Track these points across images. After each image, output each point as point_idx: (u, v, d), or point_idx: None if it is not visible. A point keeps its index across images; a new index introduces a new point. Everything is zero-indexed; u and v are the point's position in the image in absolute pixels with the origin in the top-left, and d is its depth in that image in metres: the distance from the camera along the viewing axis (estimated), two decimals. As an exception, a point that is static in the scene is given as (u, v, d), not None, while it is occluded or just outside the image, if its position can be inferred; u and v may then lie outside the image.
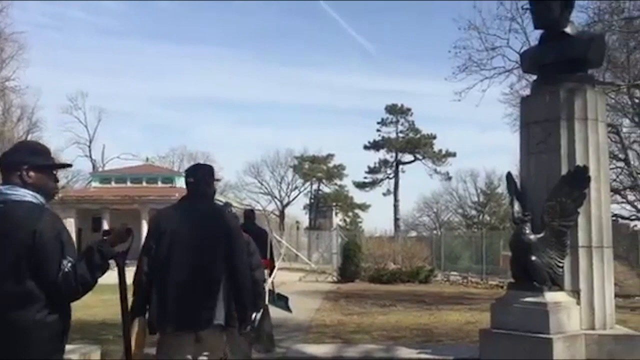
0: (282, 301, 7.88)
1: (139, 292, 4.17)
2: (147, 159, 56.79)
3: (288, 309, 7.96)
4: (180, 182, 46.24)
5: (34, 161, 2.94)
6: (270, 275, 7.63)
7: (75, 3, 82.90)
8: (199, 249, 4.13)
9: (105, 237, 3.35)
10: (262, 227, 8.64)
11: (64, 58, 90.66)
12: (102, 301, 14.04)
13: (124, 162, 57.22)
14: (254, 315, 4.71)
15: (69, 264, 2.82)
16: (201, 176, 4.48)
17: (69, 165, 5.69)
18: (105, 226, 40.77)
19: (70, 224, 40.98)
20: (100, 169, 58.45)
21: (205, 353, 4.14)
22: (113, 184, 45.41)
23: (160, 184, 45.22)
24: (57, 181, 3.12)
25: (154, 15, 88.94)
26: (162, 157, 64.97)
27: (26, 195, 2.87)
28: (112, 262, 3.21)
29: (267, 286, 6.84)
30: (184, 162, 66.19)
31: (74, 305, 2.99)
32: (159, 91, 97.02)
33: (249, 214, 9.21)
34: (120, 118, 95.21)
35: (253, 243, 5.90)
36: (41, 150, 3.09)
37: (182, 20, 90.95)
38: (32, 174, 2.92)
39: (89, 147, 62.26)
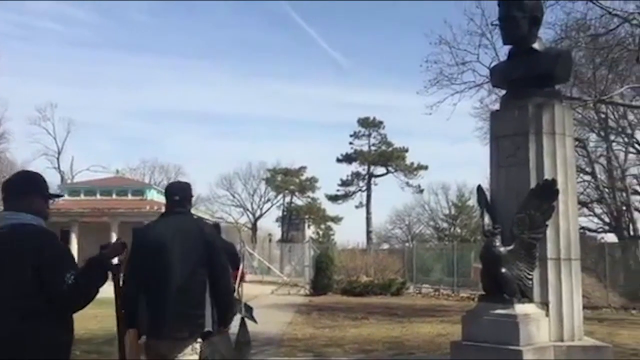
0: (248, 312, 8.11)
1: (128, 304, 4.24)
2: (118, 171, 56.01)
3: (253, 319, 8.08)
4: (151, 195, 45.80)
5: (42, 191, 3.47)
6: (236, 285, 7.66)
7: (45, 13, 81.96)
8: (184, 261, 4.32)
9: (103, 251, 3.65)
10: (227, 240, 8.61)
11: (33, 68, 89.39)
12: (69, 316, 13.84)
13: (94, 175, 56.53)
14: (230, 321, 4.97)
15: (72, 277, 3.12)
16: (185, 195, 4.73)
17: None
18: (74, 240, 40.10)
19: (38, 237, 40.27)
20: (69, 181, 57.49)
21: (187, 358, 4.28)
22: (82, 197, 44.64)
23: (130, 197, 44.61)
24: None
25: (126, 26, 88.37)
26: (133, 169, 64.25)
27: (28, 218, 3.25)
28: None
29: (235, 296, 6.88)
30: (155, 174, 65.66)
31: None
32: (131, 103, 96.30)
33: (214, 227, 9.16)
34: (90, 130, 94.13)
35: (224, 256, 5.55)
36: (44, 181, 3.59)
37: (154, 32, 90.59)
38: (38, 201, 3.40)
39: (58, 159, 61.39)
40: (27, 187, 3.40)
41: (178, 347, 4.28)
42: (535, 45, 6.86)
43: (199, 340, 4.36)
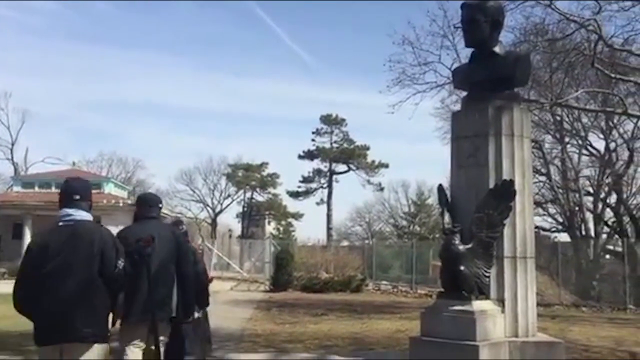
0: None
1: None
2: (74, 164, 54.67)
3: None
4: (109, 188, 44.96)
5: (91, 195, 4.58)
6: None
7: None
8: (159, 258, 4.98)
9: (139, 243, 4.71)
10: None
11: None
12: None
13: (49, 167, 55.06)
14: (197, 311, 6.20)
15: (122, 264, 4.18)
16: (157, 204, 5.70)
17: None
18: (27, 232, 39.07)
19: (-10, 230, 39.06)
20: (22, 173, 55.94)
21: (161, 337, 5.01)
22: (37, 189, 43.47)
23: (87, 190, 43.71)
24: None
25: (87, 16, 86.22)
26: (90, 162, 62.83)
27: (87, 216, 4.32)
28: None
29: None
30: (113, 167, 64.37)
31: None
32: (89, 94, 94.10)
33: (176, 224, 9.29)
34: (45, 121, 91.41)
35: (198, 252, 7.08)
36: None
37: (115, 23, 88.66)
38: (90, 203, 4.47)
39: (11, 149, 59.50)
40: (87, 191, 4.54)
41: (158, 323, 4.96)
42: (496, 49, 7.04)
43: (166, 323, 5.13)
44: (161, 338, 5.01)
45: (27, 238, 38.96)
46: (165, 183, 64.76)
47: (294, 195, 61.45)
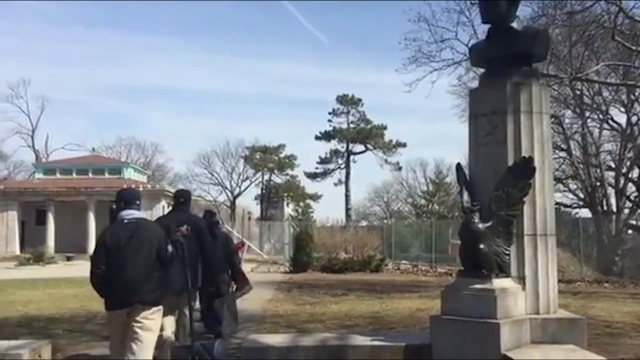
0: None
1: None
2: (94, 150, 55.43)
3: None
4: (129, 173, 45.40)
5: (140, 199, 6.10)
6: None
7: (17, -12, 79.84)
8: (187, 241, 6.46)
9: (177, 233, 6.19)
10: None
11: (4, 45, 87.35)
12: (48, 295, 13.74)
13: (69, 153, 55.76)
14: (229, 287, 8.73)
15: (171, 249, 5.62)
16: (188, 198, 7.72)
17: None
18: (51, 218, 39.66)
19: (13, 217, 39.67)
20: (44, 160, 56.65)
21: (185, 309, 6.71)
22: (58, 175, 44.07)
23: (107, 175, 44.16)
24: None
25: (101, 3, 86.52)
26: (109, 148, 63.55)
27: (142, 215, 5.87)
28: None
29: None
30: (132, 152, 64.95)
31: (21, 301, 3.75)
32: (106, 80, 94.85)
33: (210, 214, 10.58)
34: (64, 107, 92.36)
35: (230, 237, 9.57)
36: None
37: (130, 8, 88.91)
38: (140, 204, 5.97)
39: (32, 137, 60.31)
40: (138, 197, 6.04)
41: (183, 294, 6.44)
42: (514, 24, 6.92)
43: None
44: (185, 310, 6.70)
45: (51, 224, 39.57)
46: (184, 167, 65.31)
47: (312, 176, 61.64)
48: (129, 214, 5.67)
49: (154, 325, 5.45)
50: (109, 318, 5.68)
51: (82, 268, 4.56)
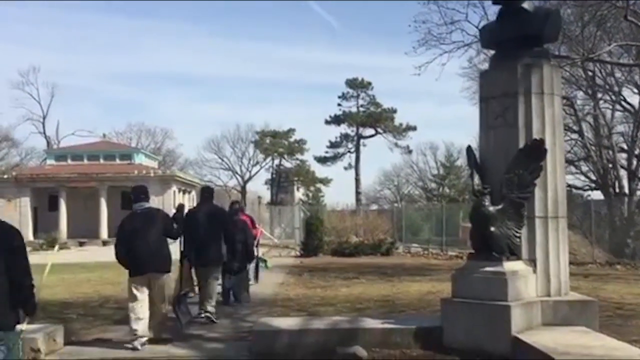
0: (263, 262, 14.33)
1: (187, 247, 8.70)
2: (104, 136, 55.54)
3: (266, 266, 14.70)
4: (139, 159, 45.54)
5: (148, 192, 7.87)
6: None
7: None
8: (210, 226, 8.82)
9: (177, 209, 8.37)
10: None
11: (15, 31, 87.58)
12: (62, 280, 13.87)
13: (80, 139, 55.95)
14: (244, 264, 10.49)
15: (176, 227, 7.62)
16: (213, 193, 9.91)
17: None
18: (62, 204, 39.95)
19: (26, 203, 40.02)
20: (55, 146, 56.95)
21: (215, 275, 9.04)
22: (69, 162, 44.31)
23: (118, 161, 44.33)
24: None
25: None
26: (120, 134, 63.78)
27: (150, 205, 7.61)
28: None
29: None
30: (142, 138, 65.18)
31: (36, 285, 4.35)
32: (116, 66, 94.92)
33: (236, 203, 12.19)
34: (75, 94, 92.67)
35: (248, 222, 11.36)
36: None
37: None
38: (149, 197, 7.77)
39: (43, 123, 60.51)
40: (147, 192, 7.73)
41: (213, 270, 8.86)
42: (525, 5, 6.85)
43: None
44: (214, 275, 8.95)
45: (63, 209, 39.86)
46: (194, 152, 65.42)
47: (322, 160, 61.51)
48: (140, 205, 7.47)
49: (164, 284, 7.38)
50: (130, 282, 7.27)
51: (94, 253, 4.57)
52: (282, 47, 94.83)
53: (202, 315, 8.59)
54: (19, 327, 4.28)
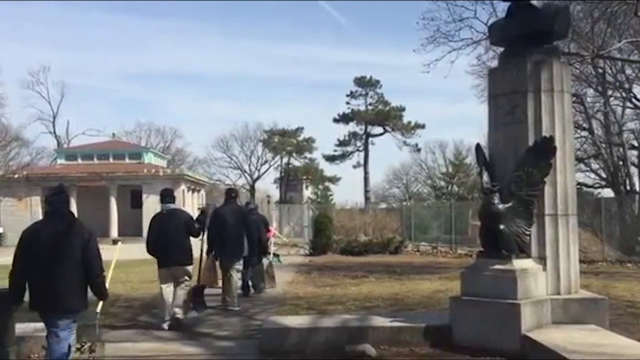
0: (276, 257, 15.59)
1: (211, 243, 9.71)
2: (114, 135, 55.79)
3: (279, 261, 16.15)
4: (149, 158, 45.70)
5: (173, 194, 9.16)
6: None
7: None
8: (235, 223, 9.87)
9: (199, 216, 9.03)
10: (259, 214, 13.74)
11: (25, 31, 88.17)
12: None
13: (90, 138, 56.20)
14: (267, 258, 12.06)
15: (197, 226, 8.57)
16: (237, 194, 11.06)
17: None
18: (73, 204, 40.13)
19: (37, 203, 40.24)
20: (65, 146, 57.24)
21: (236, 266, 9.94)
22: (79, 161, 44.53)
23: (127, 160, 44.49)
24: None
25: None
26: (129, 133, 63.98)
27: (176, 206, 8.76)
28: None
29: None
30: (151, 137, 65.38)
31: None
32: (125, 66, 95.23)
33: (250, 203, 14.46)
34: (84, 93, 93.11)
35: (263, 221, 12.62)
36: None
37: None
38: (174, 198, 8.94)
39: (53, 123, 60.80)
40: (173, 194, 8.82)
41: (236, 262, 9.85)
42: (534, 2, 6.82)
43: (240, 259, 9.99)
44: (237, 267, 9.94)
45: (73, 209, 39.96)
46: (203, 151, 65.48)
47: (330, 159, 61.50)
48: (167, 206, 8.50)
49: (187, 275, 8.33)
50: (159, 272, 8.40)
51: (104, 252, 4.82)
52: (291, 46, 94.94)
53: (228, 305, 9.65)
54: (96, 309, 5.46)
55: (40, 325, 5.62)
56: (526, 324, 6.02)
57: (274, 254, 14.59)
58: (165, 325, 7.98)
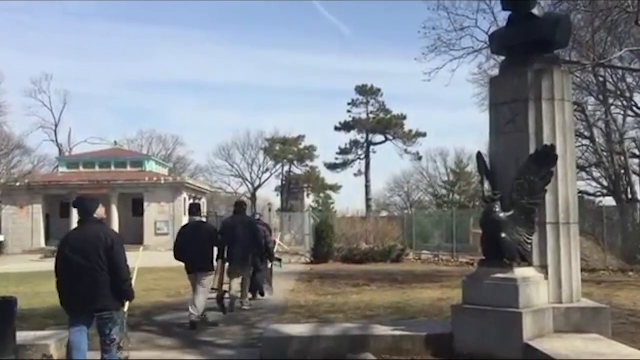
0: (279, 262, 16.32)
1: (222, 250, 10.12)
2: (116, 143, 55.80)
3: (280, 265, 16.78)
4: (150, 166, 45.71)
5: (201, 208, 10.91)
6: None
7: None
8: (244, 233, 10.48)
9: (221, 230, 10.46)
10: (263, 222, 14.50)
11: (28, 40, 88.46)
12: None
13: (92, 147, 56.26)
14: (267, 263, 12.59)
15: (220, 237, 9.96)
16: (246, 207, 11.93)
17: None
18: (74, 212, 40.11)
19: (38, 210, 40.27)
20: (67, 154, 57.31)
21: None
22: (81, 169, 44.55)
23: (129, 168, 44.50)
24: None
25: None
26: (131, 141, 64.04)
27: (202, 219, 10.65)
28: None
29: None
30: (153, 146, 65.46)
31: (47, 292, 5.35)
32: (127, 74, 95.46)
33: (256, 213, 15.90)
34: (86, 101, 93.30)
35: (267, 230, 13.04)
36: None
37: (150, 2, 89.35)
38: (202, 212, 12.69)
39: (55, 131, 60.90)
40: (200, 208, 10.33)
41: (248, 268, 10.76)
42: (535, 11, 6.84)
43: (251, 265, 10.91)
44: (248, 272, 10.85)
45: (75, 217, 39.94)
46: (204, 159, 65.50)
47: (332, 167, 61.51)
48: (194, 218, 9.76)
49: (208, 281, 9.32)
50: (189, 277, 9.40)
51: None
52: (292, 54, 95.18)
53: (244, 305, 10.71)
54: (123, 309, 5.62)
55: (41, 333, 5.62)
56: (528, 332, 6.00)
57: (277, 259, 15.36)
58: (194, 318, 8.88)
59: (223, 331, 8.61)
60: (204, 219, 10.23)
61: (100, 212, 5.69)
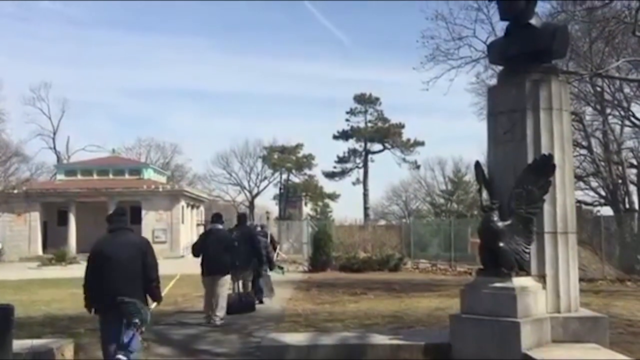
0: (280, 268, 17.07)
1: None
2: (114, 151, 55.78)
3: (282, 271, 17.57)
4: (148, 174, 45.67)
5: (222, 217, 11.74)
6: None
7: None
8: (242, 242, 11.36)
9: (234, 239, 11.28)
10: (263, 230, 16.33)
11: (27, 47, 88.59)
12: (70, 295, 13.89)
13: (90, 154, 56.25)
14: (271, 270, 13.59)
15: (236, 243, 10.99)
16: (246, 217, 13.80)
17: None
18: (72, 219, 40.06)
19: (35, 218, 40.19)
20: (65, 161, 57.26)
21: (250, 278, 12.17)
22: (79, 176, 44.50)
23: (127, 176, 44.47)
24: None
25: (122, 4, 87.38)
26: (129, 149, 64.00)
27: (221, 227, 11.14)
28: None
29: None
30: (151, 153, 65.42)
31: (44, 300, 5.42)
32: (126, 82, 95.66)
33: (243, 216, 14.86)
34: (85, 109, 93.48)
35: (268, 241, 14.63)
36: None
37: (150, 10, 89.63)
38: (223, 220, 11.62)
39: (53, 138, 60.89)
40: (221, 217, 11.48)
41: (249, 273, 11.96)
42: (533, 21, 6.88)
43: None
44: (249, 277, 11.96)
45: (72, 224, 39.98)
46: (203, 167, 65.57)
47: (330, 175, 61.60)
48: (214, 226, 10.88)
49: (225, 284, 10.44)
50: (203, 280, 10.41)
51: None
52: (291, 62, 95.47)
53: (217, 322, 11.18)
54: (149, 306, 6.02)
55: (38, 342, 5.60)
56: (526, 342, 5.99)
57: (278, 267, 16.23)
58: (217, 320, 9.79)
59: (220, 339, 8.58)
60: (221, 227, 10.96)
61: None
